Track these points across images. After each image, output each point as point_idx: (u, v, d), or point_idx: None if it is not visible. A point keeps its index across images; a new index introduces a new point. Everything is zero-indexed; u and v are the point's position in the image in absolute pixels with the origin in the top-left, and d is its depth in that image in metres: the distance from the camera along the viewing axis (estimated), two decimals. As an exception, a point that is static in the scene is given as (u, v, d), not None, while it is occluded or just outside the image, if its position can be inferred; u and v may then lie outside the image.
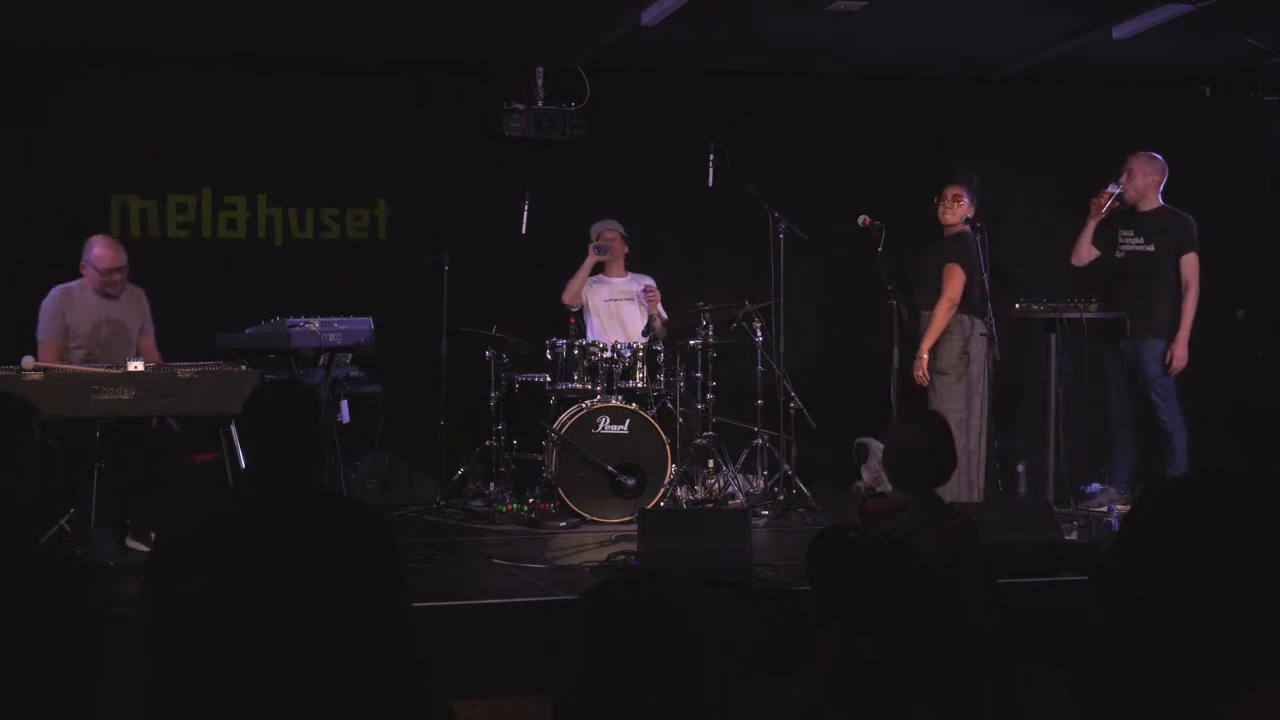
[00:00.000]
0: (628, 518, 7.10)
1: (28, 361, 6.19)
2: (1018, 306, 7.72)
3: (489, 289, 8.48)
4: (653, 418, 7.52)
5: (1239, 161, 9.28)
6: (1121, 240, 7.78)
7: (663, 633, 1.90)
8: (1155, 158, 7.74)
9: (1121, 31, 7.78)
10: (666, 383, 7.68)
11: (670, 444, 7.50)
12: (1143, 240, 7.70)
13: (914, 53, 8.39)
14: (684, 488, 7.63)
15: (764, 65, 8.68)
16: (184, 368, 6.29)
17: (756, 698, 4.39)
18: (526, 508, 7.48)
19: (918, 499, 3.95)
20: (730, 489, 7.59)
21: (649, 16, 7.36)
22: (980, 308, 7.53)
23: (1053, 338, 7.66)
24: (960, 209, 7.65)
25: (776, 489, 7.66)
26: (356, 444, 7.71)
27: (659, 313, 8.11)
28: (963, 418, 7.37)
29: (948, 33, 7.96)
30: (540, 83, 8.48)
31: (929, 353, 7.53)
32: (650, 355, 7.63)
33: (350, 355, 7.32)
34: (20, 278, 7.40)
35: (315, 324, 6.98)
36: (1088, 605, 1.52)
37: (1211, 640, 1.41)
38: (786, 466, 7.62)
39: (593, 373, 7.60)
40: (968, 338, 7.54)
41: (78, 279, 6.93)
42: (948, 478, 4.10)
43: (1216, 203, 8.55)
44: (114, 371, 6.16)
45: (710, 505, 7.54)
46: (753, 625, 5.07)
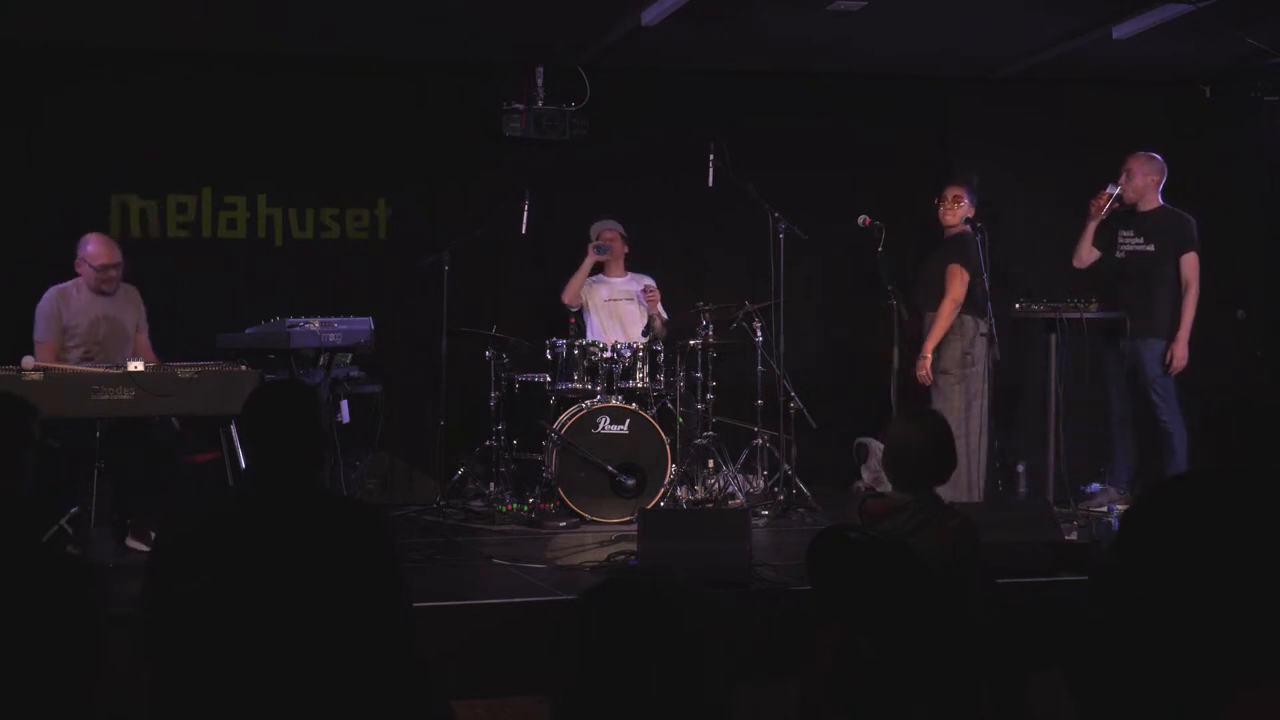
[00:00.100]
0: (628, 518, 7.10)
1: (28, 361, 6.19)
2: (1018, 306, 7.72)
3: (489, 289, 8.48)
4: (653, 418, 7.52)
5: (1239, 161, 9.27)
6: (1121, 240, 7.78)
7: (663, 633, 1.90)
8: (1154, 158, 7.74)
9: (1121, 31, 7.78)
10: (666, 383, 7.68)
11: (670, 444, 7.50)
12: (1143, 240, 7.70)
13: (914, 53, 8.39)
14: (684, 488, 7.63)
15: (764, 65, 8.68)
16: (184, 368, 6.28)
17: (756, 698, 4.40)
18: (526, 508, 7.47)
19: (918, 499, 3.95)
20: (730, 489, 7.59)
21: (649, 16, 7.36)
22: (981, 308, 7.53)
23: (1053, 338, 7.66)
24: (960, 210, 7.65)
25: (776, 489, 7.66)
26: (356, 444, 7.71)
27: (659, 313, 8.11)
28: (964, 417, 7.38)
29: (948, 33, 7.96)
30: (540, 83, 8.48)
31: (932, 353, 7.54)
32: (650, 355, 7.63)
33: (350, 355, 7.32)
34: (20, 278, 7.40)
35: (315, 324, 6.98)
36: (1088, 605, 1.52)
37: (1211, 640, 1.41)
38: (786, 466, 7.62)
39: (593, 373, 7.60)
40: (971, 338, 7.54)
41: (73, 279, 6.94)
42: (948, 477, 4.10)
43: (1216, 203, 8.55)
44: (114, 371, 6.16)
45: (710, 505, 7.54)
46: (753, 625, 5.07)
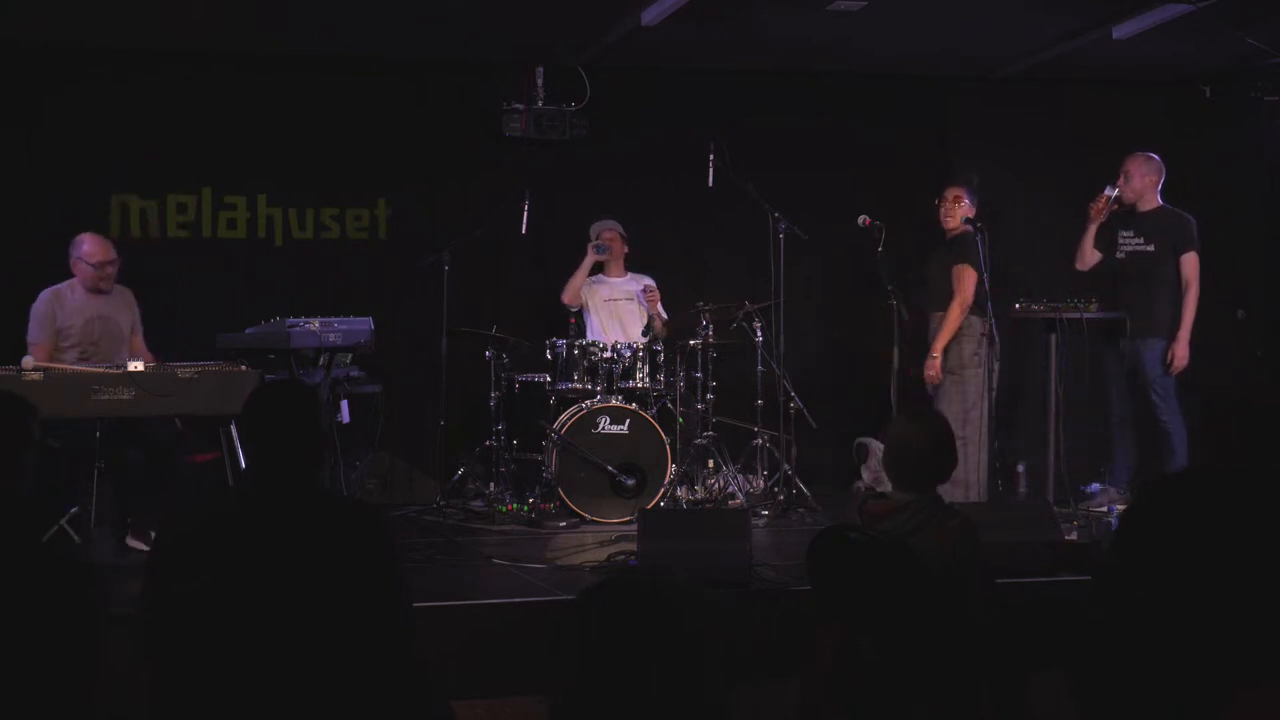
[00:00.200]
0: (628, 518, 7.09)
1: (28, 361, 6.19)
2: (1018, 306, 7.72)
3: (489, 289, 8.48)
4: (653, 418, 7.52)
5: (1239, 161, 9.27)
6: (1121, 240, 7.78)
7: (663, 633, 1.90)
8: (1152, 158, 7.74)
9: (1121, 31, 7.78)
10: (666, 383, 7.68)
11: (670, 444, 7.50)
12: (1142, 240, 7.70)
13: (914, 53, 8.39)
14: (684, 488, 7.63)
15: (764, 65, 8.68)
16: (184, 368, 6.28)
17: (756, 698, 4.40)
18: (526, 508, 7.47)
19: (918, 499, 3.95)
20: (730, 489, 7.59)
21: (649, 16, 7.36)
22: (982, 307, 7.53)
23: (1053, 338, 7.65)
24: (960, 210, 7.65)
25: (776, 489, 7.65)
26: (356, 444, 7.71)
27: (659, 313, 8.11)
28: (966, 418, 7.38)
29: (948, 33, 7.96)
30: (540, 83, 8.48)
31: (941, 352, 7.54)
32: (650, 355, 7.63)
33: (350, 355, 7.32)
34: (20, 278, 7.39)
35: (315, 324, 6.98)
36: (1088, 605, 1.52)
37: (1211, 640, 1.41)
38: (786, 466, 7.62)
39: (593, 373, 7.60)
40: (978, 338, 7.55)
41: (67, 280, 6.93)
42: (948, 477, 4.10)
43: (1216, 203, 8.55)
44: (114, 371, 6.16)
45: (710, 505, 7.54)
46: (753, 625, 5.07)
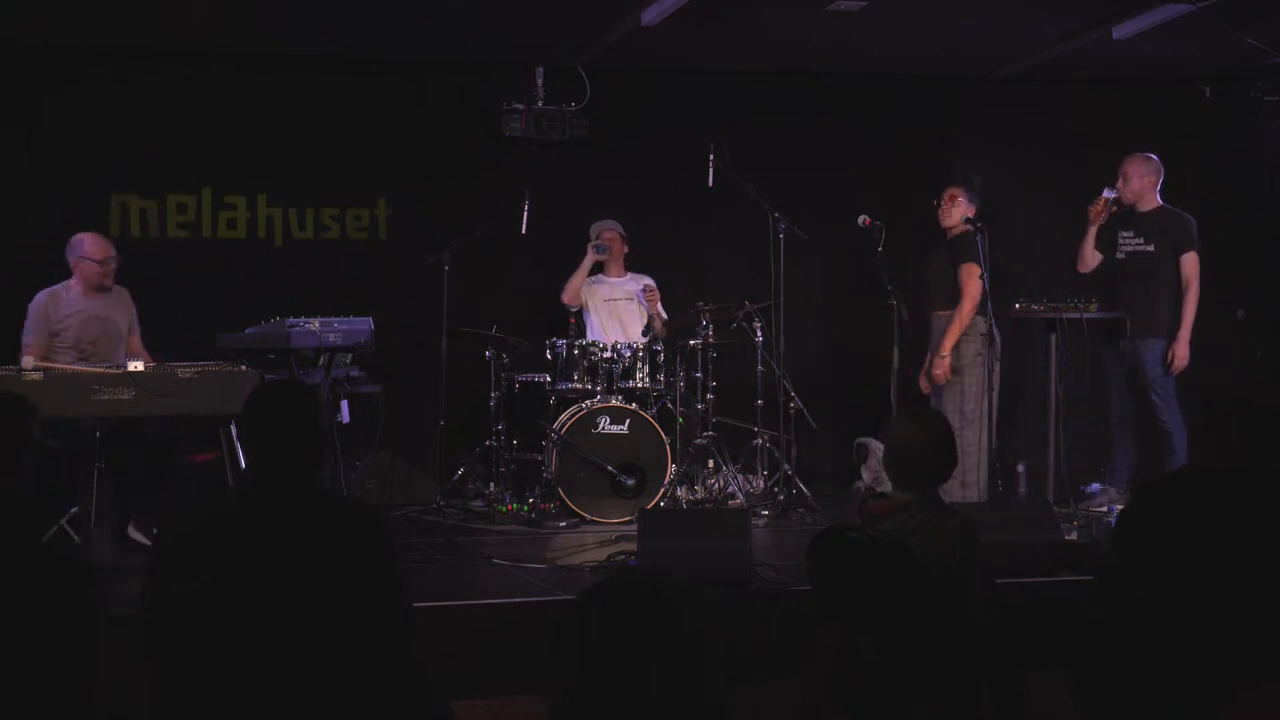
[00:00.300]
0: (628, 518, 7.10)
1: (28, 361, 6.19)
2: (1018, 306, 7.72)
3: (489, 289, 8.48)
4: (653, 418, 7.52)
5: (1239, 161, 9.27)
6: (1121, 241, 7.78)
7: (663, 633, 1.90)
8: (1150, 158, 7.73)
9: (1121, 31, 7.78)
10: (666, 383, 7.68)
11: (670, 444, 7.50)
12: (1142, 240, 7.70)
13: (914, 53, 8.39)
14: (684, 488, 7.63)
15: (764, 65, 8.68)
16: (184, 368, 6.28)
17: (756, 698, 4.40)
18: (526, 508, 7.47)
19: (919, 499, 3.95)
20: (730, 489, 7.59)
21: (649, 16, 7.36)
22: (984, 307, 7.53)
23: (1053, 338, 7.65)
24: (958, 209, 7.65)
25: (776, 489, 7.65)
26: (356, 444, 7.71)
27: (659, 313, 8.11)
28: (967, 418, 7.39)
29: (948, 33, 7.96)
30: (540, 83, 8.48)
31: (950, 351, 7.55)
32: (650, 355, 7.63)
33: (350, 355, 7.32)
34: (20, 278, 7.38)
35: (315, 324, 6.98)
36: (1088, 605, 1.52)
37: (1211, 640, 1.41)
38: (786, 466, 7.62)
39: (593, 373, 7.60)
40: (980, 337, 7.56)
41: (63, 281, 6.93)
42: (948, 476, 4.10)
43: (1216, 203, 8.55)
44: (114, 371, 6.16)
45: (710, 505, 7.54)
46: (753, 625, 5.07)
